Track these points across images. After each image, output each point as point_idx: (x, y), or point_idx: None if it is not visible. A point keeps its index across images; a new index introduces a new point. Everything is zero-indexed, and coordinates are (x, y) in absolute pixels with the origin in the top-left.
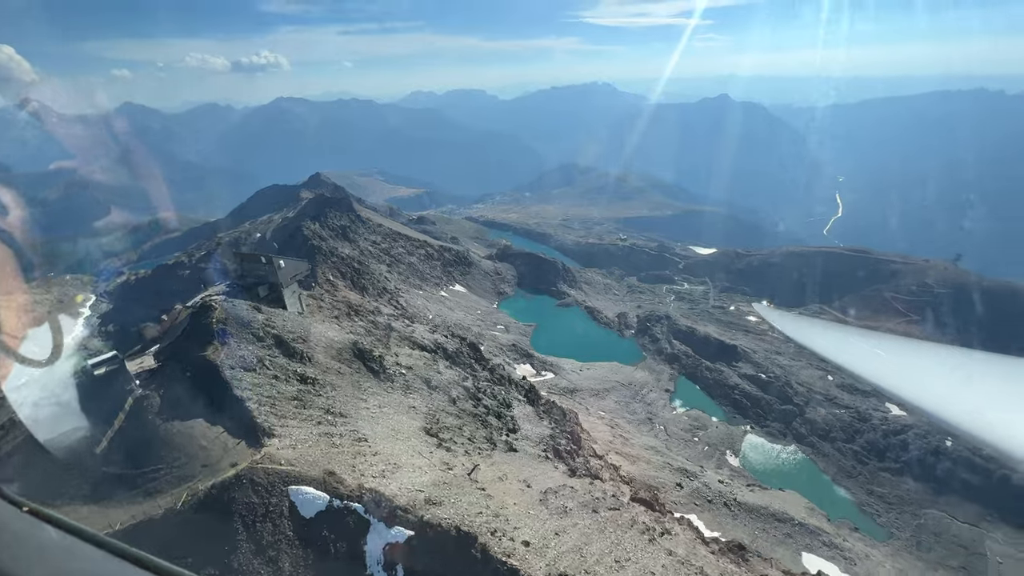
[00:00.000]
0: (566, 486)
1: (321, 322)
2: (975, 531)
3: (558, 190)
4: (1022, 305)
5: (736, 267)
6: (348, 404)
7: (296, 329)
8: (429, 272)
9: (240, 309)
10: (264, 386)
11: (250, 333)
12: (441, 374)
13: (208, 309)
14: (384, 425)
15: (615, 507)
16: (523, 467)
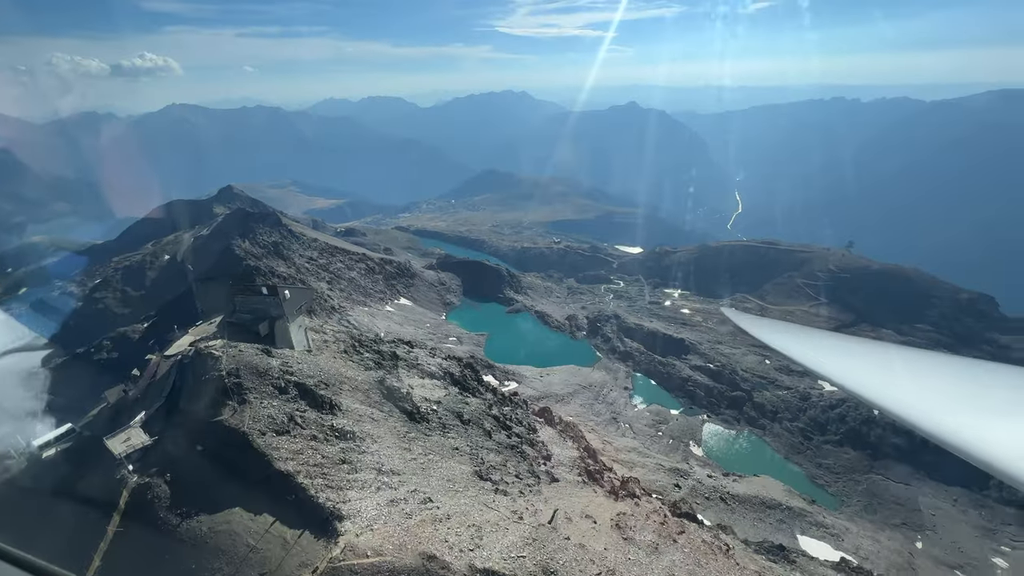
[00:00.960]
0: (623, 514)
1: (333, 358)
2: (909, 489)
3: (483, 196)
4: (903, 284)
5: (664, 264)
6: (395, 457)
7: (315, 372)
8: (372, 287)
9: (249, 355)
10: (305, 451)
11: (269, 384)
12: (468, 404)
13: (204, 359)
14: (438, 476)
15: (681, 530)
16: (573, 498)
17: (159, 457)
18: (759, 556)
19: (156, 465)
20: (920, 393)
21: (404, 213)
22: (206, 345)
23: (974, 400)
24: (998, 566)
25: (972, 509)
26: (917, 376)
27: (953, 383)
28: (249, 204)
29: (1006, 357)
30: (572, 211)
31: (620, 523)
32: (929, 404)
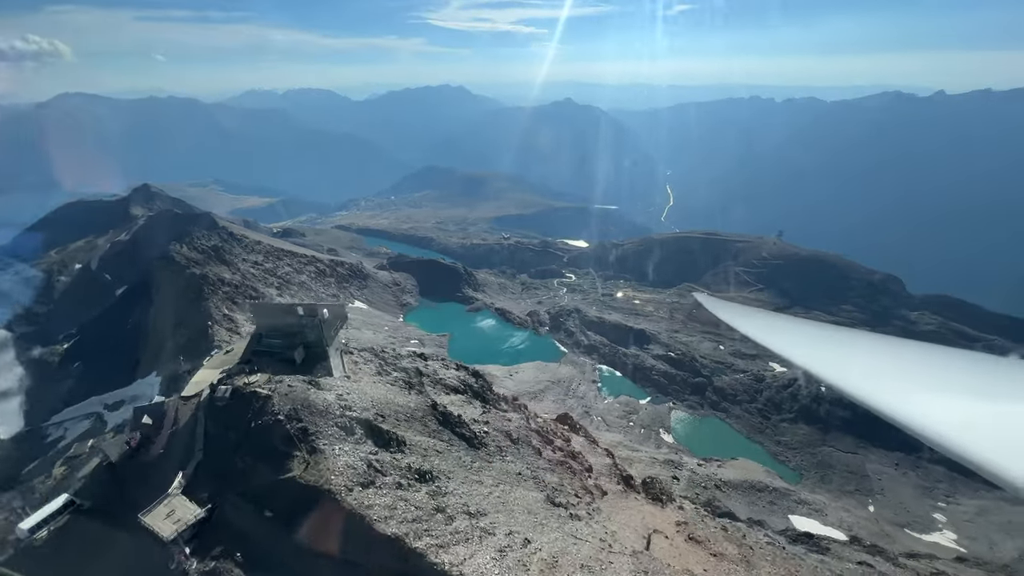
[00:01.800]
0: (682, 523)
1: (373, 383)
2: (856, 457)
3: (424, 193)
4: (827, 269)
5: (613, 256)
6: (474, 494)
7: (367, 403)
8: (324, 291)
9: (301, 390)
10: (398, 505)
11: (333, 425)
12: (511, 421)
13: (247, 399)
14: (519, 509)
15: (743, 535)
16: (628, 511)
17: (220, 533)
18: (798, 547)
19: (219, 544)
20: (867, 371)
21: (342, 211)
22: (247, 382)
23: (911, 377)
24: (939, 521)
25: (911, 471)
26: (864, 355)
27: (893, 362)
28: (171, 205)
29: (914, 331)
30: (516, 206)
31: (691, 535)
32: (874, 381)
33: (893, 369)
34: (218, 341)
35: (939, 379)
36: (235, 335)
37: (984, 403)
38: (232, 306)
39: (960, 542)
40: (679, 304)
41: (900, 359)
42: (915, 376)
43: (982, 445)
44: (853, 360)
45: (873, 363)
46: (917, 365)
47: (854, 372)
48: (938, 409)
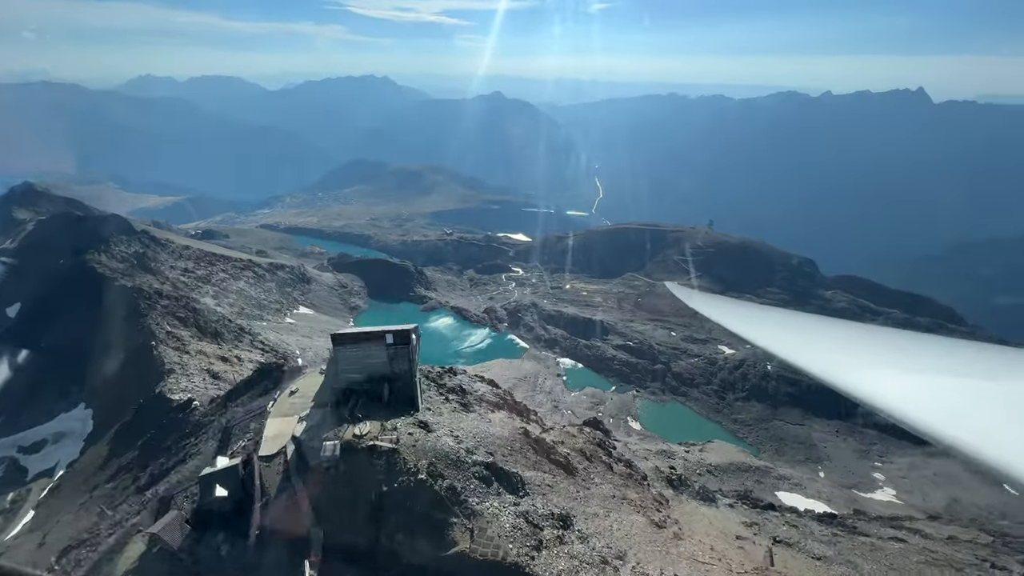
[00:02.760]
0: (754, 524)
1: (453, 411)
2: (803, 429)
3: (354, 188)
4: (754, 255)
5: (558, 249)
6: (603, 531)
7: (471, 438)
8: (265, 297)
9: (420, 438)
10: (574, 565)
11: (472, 477)
12: (575, 438)
13: (363, 455)
14: (641, 540)
15: (834, 531)
16: (698, 518)
17: None
18: (845, 531)
19: None
20: (818, 350)
21: (263, 209)
22: (358, 434)
23: (856, 354)
24: (878, 480)
25: (849, 436)
26: (816, 337)
27: (845, 343)
28: (64, 206)
29: (831, 308)
30: (453, 201)
31: (780, 538)
32: (828, 359)
33: (838, 347)
34: (169, 364)
35: (879, 356)
36: (184, 355)
37: (913, 375)
38: (175, 322)
39: (900, 496)
40: (625, 293)
41: (841, 339)
42: (859, 353)
43: (915, 409)
44: (805, 340)
45: (818, 341)
46: (855, 344)
47: (811, 352)
48: (880, 382)
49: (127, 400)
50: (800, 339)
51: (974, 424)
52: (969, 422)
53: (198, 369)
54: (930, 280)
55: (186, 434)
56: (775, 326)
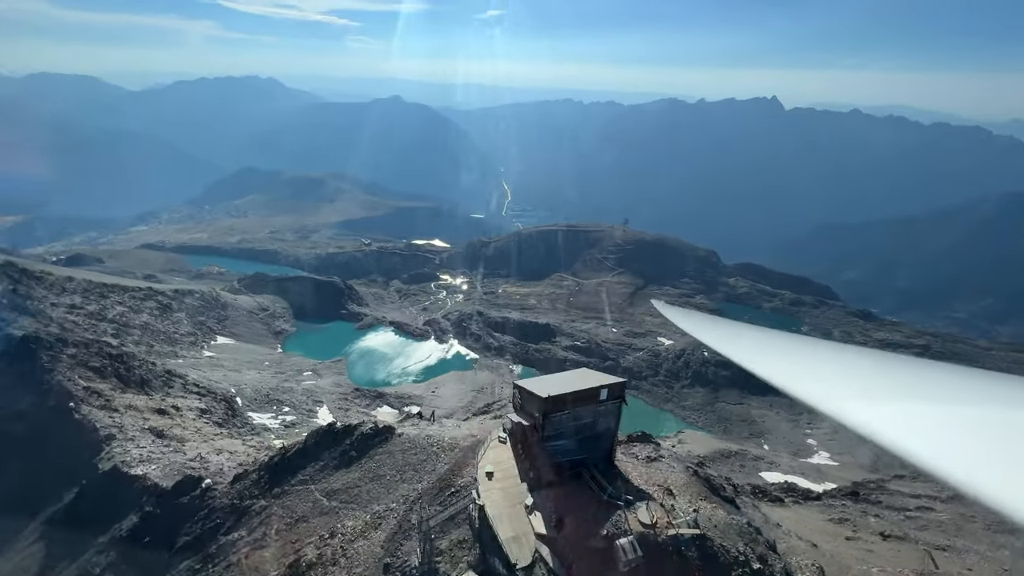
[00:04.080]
0: (844, 520)
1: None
2: (743, 407)
3: (247, 199)
4: (667, 249)
5: (484, 254)
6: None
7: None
8: (175, 330)
9: (717, 514)
10: None
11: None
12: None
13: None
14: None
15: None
16: (801, 521)
17: None
18: (879, 509)
19: None
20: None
21: (137, 227)
22: (648, 524)
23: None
24: (812, 445)
25: (780, 409)
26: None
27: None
28: None
29: (734, 294)
30: (362, 208)
31: (888, 532)
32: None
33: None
34: (103, 428)
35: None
36: (113, 413)
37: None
38: (89, 374)
39: (834, 457)
40: (557, 294)
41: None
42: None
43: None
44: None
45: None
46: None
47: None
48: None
49: (49, 483)
50: (797, 367)
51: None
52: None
53: (138, 430)
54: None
55: (225, 528)
56: (768, 351)
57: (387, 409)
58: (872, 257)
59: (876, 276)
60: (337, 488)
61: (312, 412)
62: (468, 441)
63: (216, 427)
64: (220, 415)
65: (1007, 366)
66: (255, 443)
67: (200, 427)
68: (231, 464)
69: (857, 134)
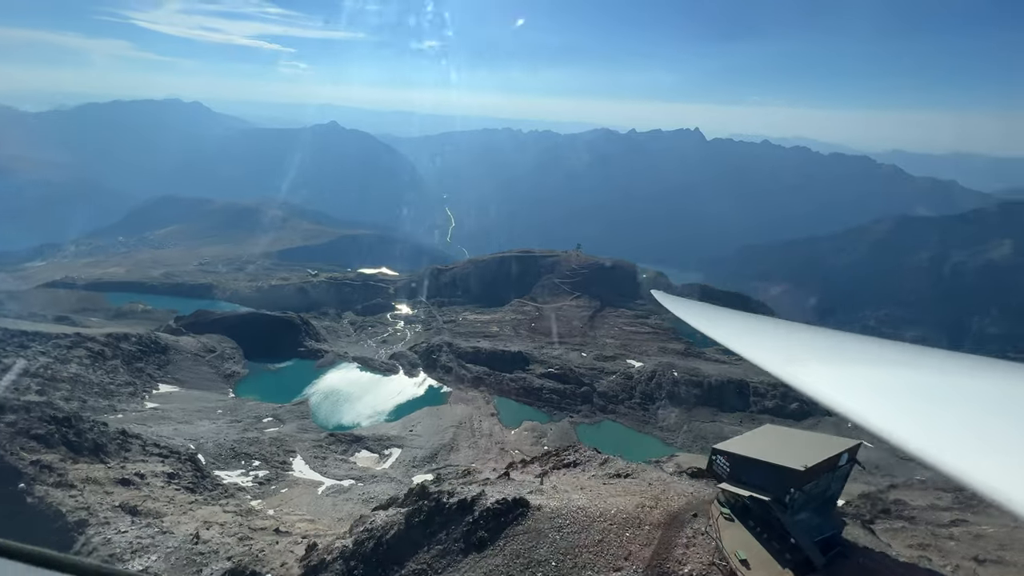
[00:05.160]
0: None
1: None
2: (715, 424)
3: (168, 229)
4: (620, 272)
5: (441, 282)
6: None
7: None
8: (111, 380)
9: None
10: None
11: None
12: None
13: None
14: None
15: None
16: None
17: None
18: (903, 523)
19: None
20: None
21: (34, 262)
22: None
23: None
24: None
25: (749, 423)
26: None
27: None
28: None
29: None
30: (299, 237)
31: (983, 557)
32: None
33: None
34: (69, 511)
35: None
36: (73, 491)
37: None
38: (34, 444)
39: None
40: (519, 320)
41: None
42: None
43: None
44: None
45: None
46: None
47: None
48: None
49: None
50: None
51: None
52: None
53: (109, 508)
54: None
55: None
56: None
57: (366, 454)
58: (790, 273)
59: (794, 291)
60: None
61: (286, 464)
62: (644, 512)
63: (188, 493)
64: (189, 478)
65: None
66: (233, 507)
67: (172, 496)
68: (232, 542)
69: (768, 162)
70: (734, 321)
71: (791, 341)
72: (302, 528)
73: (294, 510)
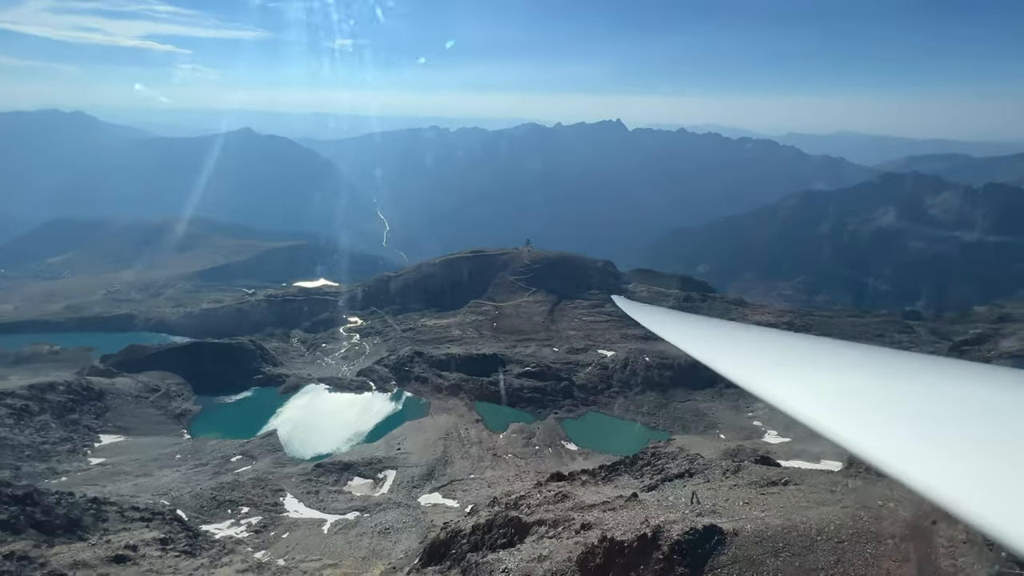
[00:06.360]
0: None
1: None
2: (691, 403)
3: (64, 256)
4: (571, 264)
5: (391, 289)
6: None
7: None
8: (43, 439)
9: None
10: None
11: None
12: None
13: None
14: None
15: None
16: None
17: None
18: None
19: None
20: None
21: None
22: None
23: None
24: (759, 427)
25: (720, 398)
26: (743, 345)
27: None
28: None
29: (638, 297)
30: (221, 255)
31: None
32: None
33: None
34: None
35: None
36: None
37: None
38: (1, 535)
39: (781, 435)
40: (479, 321)
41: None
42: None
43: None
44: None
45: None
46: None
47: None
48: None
49: None
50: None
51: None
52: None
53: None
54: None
55: None
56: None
57: (359, 481)
58: (715, 252)
59: (720, 269)
60: None
61: (278, 505)
62: (868, 524)
63: (189, 558)
64: (184, 541)
65: (853, 329)
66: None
67: (175, 565)
68: None
69: (685, 149)
70: (695, 328)
71: (756, 349)
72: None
73: (307, 556)
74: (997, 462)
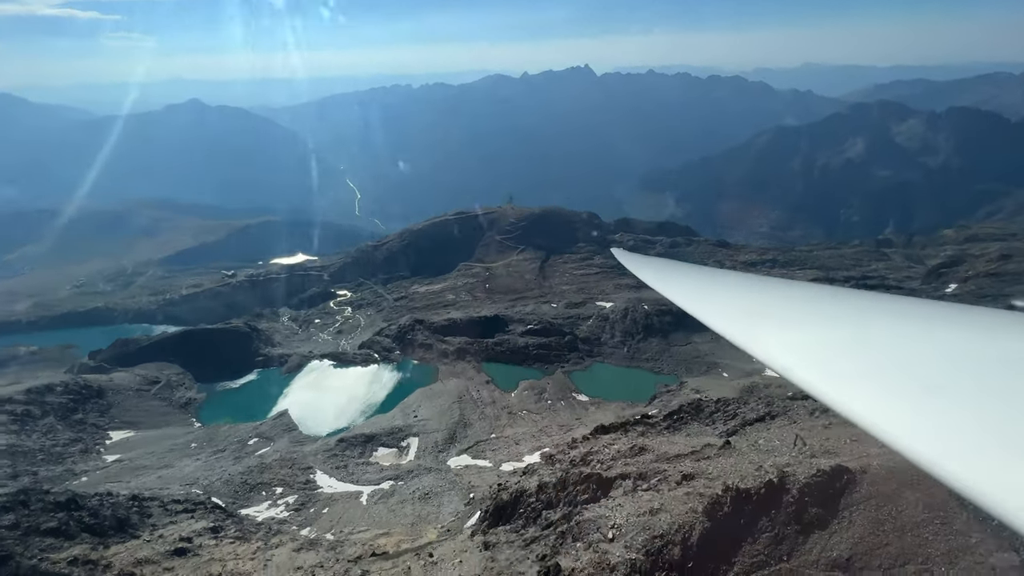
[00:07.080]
0: None
1: None
2: (691, 346)
3: (22, 250)
4: (557, 218)
5: (377, 258)
6: None
7: None
8: (53, 442)
9: None
10: None
11: None
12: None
13: None
14: None
15: None
16: None
17: None
18: None
19: None
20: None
21: None
22: None
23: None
24: (757, 364)
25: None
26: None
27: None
28: None
29: (628, 247)
30: (191, 236)
31: None
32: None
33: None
34: None
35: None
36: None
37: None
38: (54, 542)
39: None
40: (471, 283)
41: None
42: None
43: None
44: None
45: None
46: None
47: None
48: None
49: None
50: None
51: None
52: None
53: None
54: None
55: None
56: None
57: (384, 450)
58: (692, 194)
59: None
60: (843, 556)
61: (310, 483)
62: None
63: (243, 543)
64: (233, 528)
65: (832, 261)
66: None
67: (235, 551)
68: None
69: (655, 91)
70: (690, 279)
71: (752, 300)
72: (386, 543)
73: (354, 528)
74: (987, 417)
